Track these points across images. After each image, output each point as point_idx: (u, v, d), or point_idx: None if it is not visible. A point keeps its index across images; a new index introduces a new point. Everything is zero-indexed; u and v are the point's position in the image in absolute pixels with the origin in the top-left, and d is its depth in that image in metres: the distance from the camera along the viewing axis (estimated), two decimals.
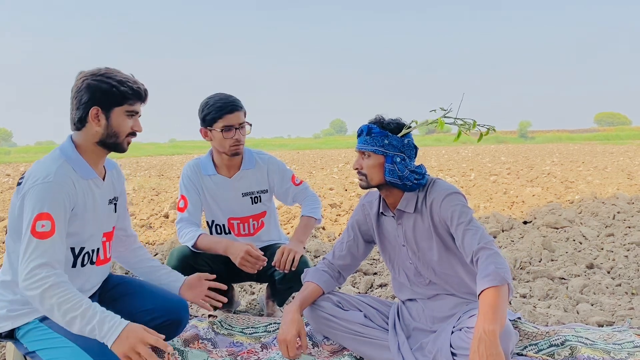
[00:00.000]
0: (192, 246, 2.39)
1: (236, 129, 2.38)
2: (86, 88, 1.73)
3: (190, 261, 2.42)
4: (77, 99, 1.75)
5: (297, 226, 2.54)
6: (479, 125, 1.92)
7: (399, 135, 1.95)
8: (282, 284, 2.46)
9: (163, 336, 1.66)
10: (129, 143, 1.85)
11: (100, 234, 1.90)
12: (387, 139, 1.93)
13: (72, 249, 1.81)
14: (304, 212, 2.60)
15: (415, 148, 2.00)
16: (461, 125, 1.92)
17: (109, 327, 1.58)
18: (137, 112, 1.82)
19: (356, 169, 2.01)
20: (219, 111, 2.34)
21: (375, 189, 2.06)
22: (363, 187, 2.03)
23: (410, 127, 1.96)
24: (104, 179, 1.90)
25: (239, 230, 2.60)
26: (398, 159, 1.93)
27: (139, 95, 1.80)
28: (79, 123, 1.77)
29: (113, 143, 1.81)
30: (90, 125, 1.76)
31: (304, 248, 2.56)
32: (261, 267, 2.30)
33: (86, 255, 1.86)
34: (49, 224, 1.63)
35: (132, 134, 1.83)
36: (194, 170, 2.52)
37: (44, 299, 1.58)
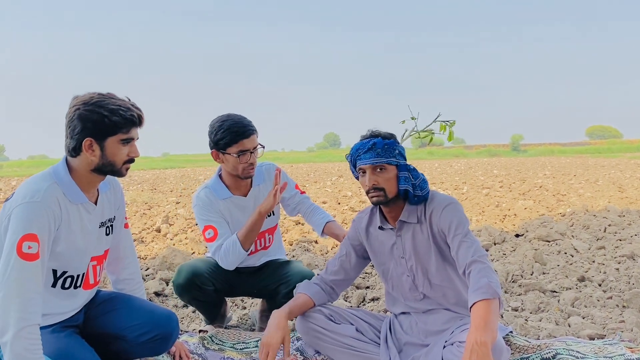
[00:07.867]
0: (244, 249, 2.37)
1: (251, 152, 2.35)
2: (78, 118, 1.67)
3: (197, 281, 2.44)
4: (70, 129, 1.70)
5: (335, 228, 2.52)
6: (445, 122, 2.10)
7: (401, 143, 2.00)
8: (286, 298, 2.42)
9: None
10: (127, 169, 1.81)
11: (87, 258, 1.87)
12: (397, 148, 1.96)
13: (54, 271, 1.78)
14: (326, 219, 2.57)
15: None
16: (450, 125, 2.10)
17: None
18: (132, 139, 1.77)
19: (373, 185, 1.94)
20: (235, 136, 2.29)
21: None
22: (381, 203, 1.97)
23: (404, 135, 2.01)
24: (96, 203, 1.86)
25: (255, 246, 2.57)
26: (412, 166, 1.97)
27: (133, 122, 1.74)
28: (73, 152, 1.73)
29: (110, 171, 1.78)
30: (85, 155, 1.72)
31: None
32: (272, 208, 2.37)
33: (69, 278, 1.83)
34: (35, 246, 1.60)
35: (130, 160, 1.79)
36: (209, 198, 2.44)
37: (16, 339, 1.53)
